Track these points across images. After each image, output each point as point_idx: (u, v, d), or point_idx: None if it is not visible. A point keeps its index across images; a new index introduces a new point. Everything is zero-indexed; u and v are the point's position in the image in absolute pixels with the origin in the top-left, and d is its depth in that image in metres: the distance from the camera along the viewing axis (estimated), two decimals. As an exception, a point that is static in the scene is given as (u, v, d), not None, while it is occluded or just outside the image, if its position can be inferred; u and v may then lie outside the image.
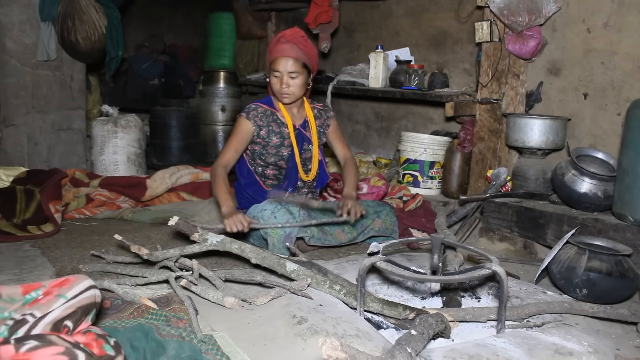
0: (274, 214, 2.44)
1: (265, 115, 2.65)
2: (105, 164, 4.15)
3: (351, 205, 2.47)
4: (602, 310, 1.90)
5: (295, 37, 2.56)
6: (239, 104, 5.74)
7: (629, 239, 2.27)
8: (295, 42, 2.54)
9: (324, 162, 2.79)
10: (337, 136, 2.82)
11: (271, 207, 2.47)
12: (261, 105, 2.67)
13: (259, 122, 2.62)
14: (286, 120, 2.66)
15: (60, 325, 1.21)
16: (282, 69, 2.53)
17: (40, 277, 2.22)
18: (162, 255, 2.13)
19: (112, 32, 4.22)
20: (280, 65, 2.53)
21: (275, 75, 2.56)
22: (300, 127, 2.70)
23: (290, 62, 2.53)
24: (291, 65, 2.53)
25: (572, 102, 2.97)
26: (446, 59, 3.95)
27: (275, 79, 2.56)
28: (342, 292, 1.94)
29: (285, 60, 2.53)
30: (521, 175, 2.94)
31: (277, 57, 2.53)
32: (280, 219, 2.43)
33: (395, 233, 2.79)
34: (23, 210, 2.99)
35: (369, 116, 4.71)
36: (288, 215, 2.45)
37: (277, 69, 2.54)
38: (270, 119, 2.65)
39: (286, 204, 2.50)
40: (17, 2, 4.02)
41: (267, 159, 2.66)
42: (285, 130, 2.65)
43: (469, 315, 1.85)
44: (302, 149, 2.69)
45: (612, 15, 2.75)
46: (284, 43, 2.54)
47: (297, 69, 2.54)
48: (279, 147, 2.64)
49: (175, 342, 1.59)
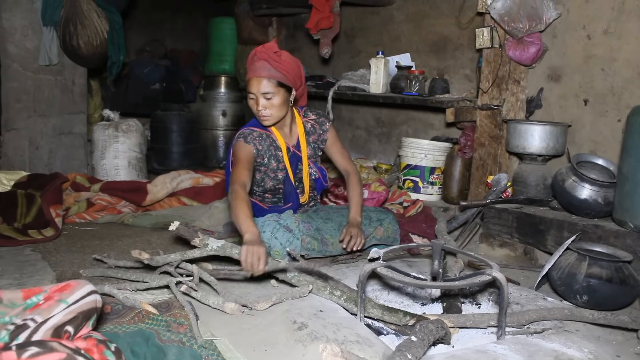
0: (274, 234, 2.38)
1: (262, 138, 2.49)
2: (106, 169, 4.16)
3: (353, 235, 2.39)
4: (602, 317, 1.90)
5: (267, 54, 2.36)
6: (239, 108, 5.75)
7: (629, 246, 2.27)
8: (267, 59, 2.35)
9: (321, 175, 2.68)
10: (337, 149, 2.66)
11: (270, 228, 2.40)
12: (254, 129, 2.49)
13: (258, 147, 2.46)
14: (280, 143, 2.52)
15: (61, 330, 1.21)
16: (255, 90, 2.35)
17: (40, 282, 2.22)
18: (163, 260, 2.13)
19: (113, 37, 4.23)
20: (253, 86, 2.36)
21: (250, 97, 2.39)
22: (295, 148, 2.57)
23: (264, 82, 2.34)
24: (264, 86, 2.34)
25: (572, 109, 2.98)
26: (447, 64, 3.95)
27: (251, 101, 2.40)
28: (342, 298, 1.94)
29: (258, 80, 2.34)
30: (521, 181, 2.94)
31: (250, 77, 2.37)
32: (280, 239, 2.37)
33: (396, 241, 2.73)
34: (24, 215, 2.99)
35: (369, 122, 4.72)
36: (288, 234, 2.39)
37: (251, 91, 2.37)
38: (268, 142, 2.51)
39: (284, 221, 2.43)
40: (20, 7, 4.04)
41: (266, 185, 2.57)
42: (280, 154, 2.53)
43: (469, 322, 1.85)
44: (296, 170, 2.59)
45: (612, 22, 2.76)
46: (257, 61, 2.37)
47: (271, 89, 2.35)
48: (275, 172, 2.54)
49: (176, 348, 1.59)
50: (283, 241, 2.37)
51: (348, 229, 2.43)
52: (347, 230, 2.42)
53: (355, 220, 2.48)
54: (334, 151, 2.66)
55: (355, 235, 2.39)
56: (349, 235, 2.39)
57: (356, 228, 2.43)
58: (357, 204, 2.53)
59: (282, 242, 2.37)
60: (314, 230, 2.51)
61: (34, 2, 4.08)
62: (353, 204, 2.54)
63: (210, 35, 5.72)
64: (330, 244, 2.53)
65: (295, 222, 2.45)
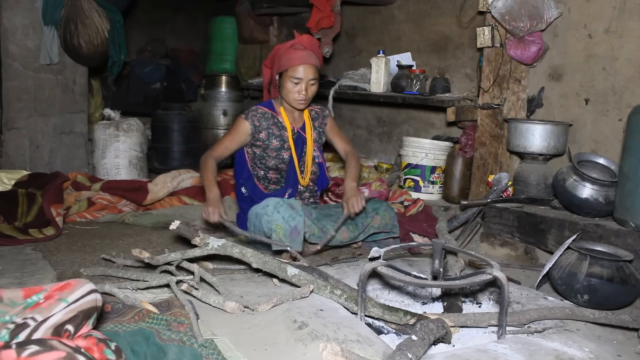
0: (277, 208, 2.45)
1: (265, 117, 2.67)
2: (106, 168, 4.16)
3: (352, 197, 2.50)
4: (603, 317, 1.89)
5: (313, 45, 2.63)
6: (240, 108, 5.75)
7: (630, 245, 2.27)
8: (313, 50, 2.61)
9: (324, 165, 2.80)
10: (336, 132, 2.84)
11: (273, 203, 2.48)
12: (261, 107, 2.70)
13: (256, 122, 2.64)
14: (285, 123, 2.68)
15: (61, 329, 1.21)
16: (304, 76, 2.56)
17: (41, 281, 2.22)
18: (163, 259, 2.13)
19: (114, 36, 4.23)
20: (302, 72, 2.56)
21: (294, 82, 2.57)
22: (300, 129, 2.72)
23: (312, 69, 2.57)
24: (312, 73, 2.58)
25: (573, 108, 2.97)
26: (448, 64, 3.95)
27: (293, 85, 2.58)
28: (343, 297, 1.94)
29: (308, 67, 2.56)
30: (522, 180, 2.94)
31: (299, 64, 2.55)
32: (283, 213, 2.43)
33: (395, 227, 2.80)
34: (25, 214, 2.99)
35: (370, 121, 4.71)
36: (290, 210, 2.45)
37: (298, 76, 2.56)
38: (271, 122, 2.67)
39: (288, 201, 2.51)
40: (21, 6, 4.04)
41: (268, 163, 2.67)
42: (285, 134, 2.67)
43: (470, 321, 1.85)
44: (300, 152, 2.71)
45: (613, 21, 2.76)
46: (302, 50, 2.58)
47: (316, 76, 2.60)
48: (279, 150, 2.66)
49: (176, 347, 1.59)
50: (286, 216, 2.43)
51: (347, 196, 2.53)
52: (346, 197, 2.53)
53: (351, 186, 2.59)
54: (334, 134, 2.84)
55: (355, 200, 2.50)
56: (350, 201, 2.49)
57: (354, 193, 2.54)
58: (351, 173, 2.67)
59: (285, 216, 2.43)
60: (314, 218, 2.59)
61: (35, 1, 4.08)
62: (348, 172, 2.67)
63: (211, 35, 5.72)
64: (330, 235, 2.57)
65: (299, 203, 2.54)
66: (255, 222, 2.53)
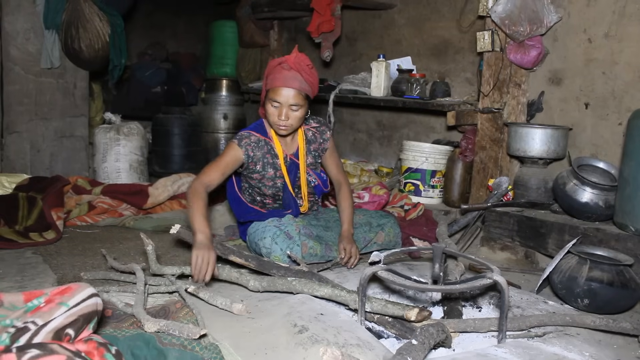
0: (274, 240, 2.37)
1: (259, 145, 2.47)
2: (107, 172, 4.16)
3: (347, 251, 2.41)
4: (604, 324, 1.88)
5: (300, 65, 2.32)
6: (241, 111, 5.75)
7: (630, 249, 2.27)
8: (299, 71, 2.32)
9: (321, 181, 2.67)
10: (333, 160, 2.66)
11: (270, 234, 2.39)
12: (253, 133, 2.48)
13: (250, 153, 2.45)
14: (277, 150, 2.51)
15: (61, 333, 1.21)
16: (283, 100, 2.32)
17: (41, 285, 2.22)
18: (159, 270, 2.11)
19: (115, 40, 4.25)
20: (280, 96, 2.31)
21: (273, 105, 2.35)
22: (293, 156, 2.56)
23: (293, 93, 2.31)
24: (293, 98, 2.32)
25: (573, 112, 2.98)
26: (448, 68, 3.96)
27: (273, 109, 2.35)
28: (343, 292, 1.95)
29: (287, 91, 2.31)
30: (522, 184, 2.94)
31: (278, 86, 2.31)
32: (281, 244, 2.35)
33: (398, 245, 2.73)
34: (25, 217, 3.00)
35: (370, 125, 4.72)
36: (288, 241, 2.37)
37: (277, 100, 2.32)
38: (265, 150, 2.48)
39: (285, 227, 2.42)
40: (22, 10, 4.06)
41: (265, 192, 2.56)
42: (278, 162, 2.51)
43: (470, 327, 1.85)
44: (294, 178, 2.57)
45: (612, 26, 2.77)
46: (287, 70, 2.32)
47: (299, 102, 2.33)
48: (274, 179, 2.53)
49: (177, 351, 1.59)
50: (284, 247, 2.35)
51: (344, 245, 2.43)
52: (342, 246, 2.43)
53: (349, 233, 2.49)
54: (331, 162, 2.67)
55: (351, 253, 2.41)
56: (348, 255, 2.41)
57: (350, 242, 2.44)
58: (349, 216, 2.54)
59: (283, 247, 2.35)
60: (316, 237, 2.50)
61: (36, 5, 4.10)
62: (345, 217, 2.55)
63: (212, 39, 5.73)
64: (334, 250, 2.51)
65: (296, 229, 2.43)
66: (254, 247, 2.48)
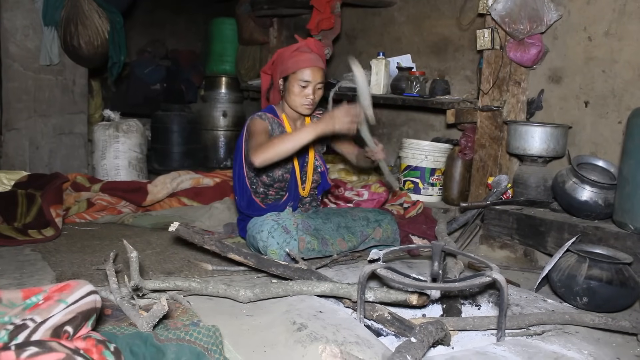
0: (271, 233, 2.38)
1: (275, 123, 2.58)
2: (106, 169, 4.16)
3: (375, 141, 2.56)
4: (603, 323, 1.88)
5: (320, 49, 2.55)
6: (240, 109, 5.74)
7: (629, 247, 2.27)
8: (320, 54, 2.54)
9: (326, 173, 2.72)
10: (344, 140, 2.78)
11: (267, 227, 2.41)
12: (267, 114, 2.59)
13: (270, 127, 2.55)
14: (287, 131, 2.59)
15: (60, 330, 1.21)
16: (312, 79, 2.48)
17: (40, 282, 2.22)
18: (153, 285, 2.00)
19: (114, 37, 4.24)
20: (310, 75, 2.47)
21: (301, 85, 2.48)
22: None
23: (320, 73, 2.50)
24: (320, 76, 2.50)
25: (573, 110, 2.98)
26: (447, 66, 3.95)
27: (300, 89, 2.49)
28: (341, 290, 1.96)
29: (316, 70, 2.48)
30: (522, 182, 2.94)
31: (307, 66, 2.46)
32: (277, 239, 2.37)
33: (396, 242, 2.74)
34: (24, 214, 2.99)
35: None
36: (285, 235, 2.38)
37: (307, 79, 2.47)
38: (279, 131, 2.57)
39: (283, 222, 2.42)
40: (21, 7, 4.05)
41: (275, 174, 2.57)
42: None
43: (469, 326, 1.85)
44: (302, 162, 2.63)
45: (613, 24, 2.76)
46: (309, 53, 2.50)
47: (323, 80, 2.53)
48: (286, 159, 2.52)
49: (175, 346, 1.58)
50: (280, 241, 2.37)
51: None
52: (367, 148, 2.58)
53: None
54: (343, 141, 2.80)
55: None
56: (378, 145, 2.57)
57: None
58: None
59: (279, 242, 2.37)
60: (313, 230, 2.52)
61: (35, 2, 4.08)
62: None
63: (211, 36, 5.72)
64: (330, 244, 2.53)
65: (293, 224, 2.44)
66: (252, 241, 2.50)
